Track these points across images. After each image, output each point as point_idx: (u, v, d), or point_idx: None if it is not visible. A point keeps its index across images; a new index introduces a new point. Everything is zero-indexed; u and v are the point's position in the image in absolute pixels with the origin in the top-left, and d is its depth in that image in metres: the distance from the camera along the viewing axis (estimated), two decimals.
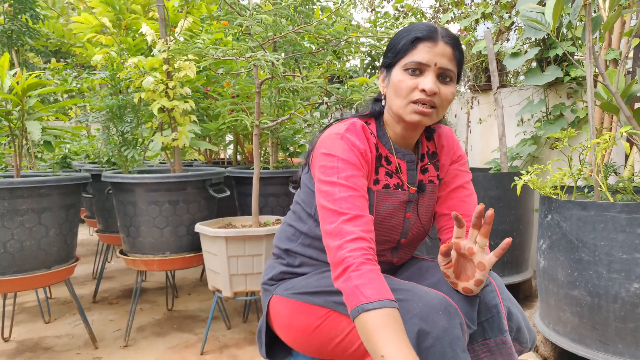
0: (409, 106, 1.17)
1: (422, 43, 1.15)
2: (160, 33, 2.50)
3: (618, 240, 1.69)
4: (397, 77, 1.18)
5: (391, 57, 1.20)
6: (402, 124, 1.23)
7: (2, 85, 2.21)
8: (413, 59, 1.15)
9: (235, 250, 2.16)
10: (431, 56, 1.15)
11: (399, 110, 1.19)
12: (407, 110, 1.17)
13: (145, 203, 2.38)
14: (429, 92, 1.14)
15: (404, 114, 1.18)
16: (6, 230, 2.08)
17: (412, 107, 1.16)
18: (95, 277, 3.70)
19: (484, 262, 1.09)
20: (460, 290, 1.16)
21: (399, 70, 1.18)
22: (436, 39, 1.15)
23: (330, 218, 1.10)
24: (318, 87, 2.28)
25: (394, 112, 1.21)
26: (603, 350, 1.76)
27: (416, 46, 1.15)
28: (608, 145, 1.82)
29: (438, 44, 1.15)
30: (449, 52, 1.17)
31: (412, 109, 1.16)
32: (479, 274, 1.10)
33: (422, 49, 1.15)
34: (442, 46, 1.16)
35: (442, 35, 1.17)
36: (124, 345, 2.41)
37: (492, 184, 2.64)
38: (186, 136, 2.54)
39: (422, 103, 1.15)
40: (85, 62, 4.15)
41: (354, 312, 0.98)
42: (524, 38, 3.39)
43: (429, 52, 1.14)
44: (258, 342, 1.38)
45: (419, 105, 1.15)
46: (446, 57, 1.16)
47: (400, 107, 1.18)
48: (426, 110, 1.16)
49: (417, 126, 1.22)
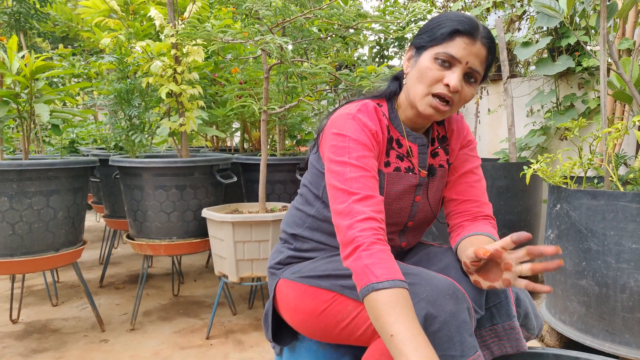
0: (427, 98, 1.15)
1: (460, 37, 1.12)
2: (168, 17, 2.49)
3: (628, 229, 1.67)
4: (425, 63, 1.15)
5: (426, 40, 1.17)
6: (414, 110, 1.22)
7: (10, 67, 2.21)
8: (447, 50, 1.13)
9: (241, 236, 2.16)
10: (465, 53, 1.12)
11: (416, 98, 1.17)
12: (424, 101, 1.16)
13: (153, 188, 2.38)
14: (453, 89, 1.12)
15: (419, 104, 1.17)
16: (15, 212, 2.09)
17: (429, 100, 1.15)
18: (102, 262, 3.72)
19: (511, 282, 1.07)
20: (473, 282, 1.14)
21: (429, 56, 1.15)
22: (476, 36, 1.13)
23: (341, 198, 1.09)
24: (327, 73, 2.26)
25: (410, 98, 1.20)
26: (610, 340, 1.75)
27: (454, 38, 1.13)
28: (620, 135, 1.80)
29: (476, 42, 1.13)
30: (483, 53, 1.15)
31: (429, 102, 1.15)
32: (499, 285, 1.09)
33: (459, 43, 1.12)
34: (479, 46, 1.14)
35: (482, 35, 1.14)
36: (130, 329, 2.43)
37: (500, 174, 2.62)
38: (194, 122, 2.53)
39: (441, 98, 1.14)
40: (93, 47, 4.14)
41: (364, 291, 0.97)
42: (536, 27, 3.36)
43: (465, 49, 1.12)
44: (264, 325, 1.37)
45: (436, 100, 1.14)
46: (479, 58, 1.14)
47: (418, 95, 1.17)
48: (441, 107, 1.15)
49: (428, 119, 1.21)
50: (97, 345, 2.25)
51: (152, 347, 2.23)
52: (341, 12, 2.19)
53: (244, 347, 2.23)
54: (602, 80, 1.88)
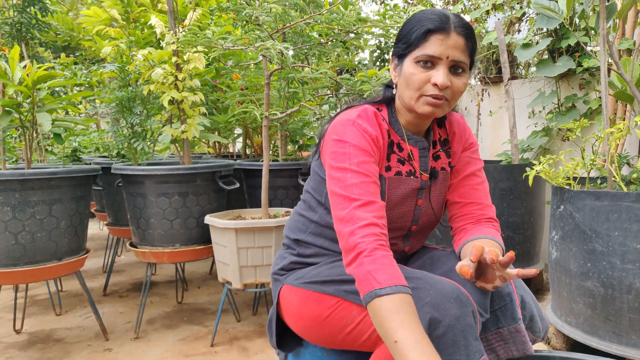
0: (421, 99, 1.16)
1: (434, 35, 1.12)
2: (169, 25, 2.49)
3: (632, 230, 1.66)
4: (408, 69, 1.16)
5: (403, 47, 1.18)
6: (413, 113, 1.22)
7: (12, 76, 2.22)
8: (424, 52, 1.13)
9: (245, 242, 2.16)
10: (443, 49, 1.12)
11: (410, 102, 1.18)
12: (419, 102, 1.16)
13: (155, 195, 2.38)
14: (441, 86, 1.12)
15: (415, 107, 1.17)
16: (17, 222, 2.09)
17: (424, 99, 1.15)
18: (106, 270, 3.72)
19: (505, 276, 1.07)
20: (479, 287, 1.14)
21: (410, 62, 1.16)
22: (448, 29, 1.12)
23: (342, 204, 1.09)
24: (327, 78, 2.26)
25: (406, 104, 1.20)
26: (616, 341, 1.73)
27: (428, 38, 1.12)
28: (622, 135, 1.79)
29: (450, 35, 1.12)
30: (461, 43, 1.14)
31: (424, 101, 1.15)
32: (498, 282, 1.09)
33: (434, 41, 1.12)
34: (455, 37, 1.13)
35: (455, 25, 1.13)
36: (134, 337, 2.42)
37: (502, 176, 2.61)
38: (195, 128, 2.53)
39: (434, 97, 1.14)
40: (95, 56, 4.16)
41: (367, 298, 0.97)
42: (536, 29, 3.36)
43: (441, 45, 1.12)
44: (268, 332, 1.37)
45: (430, 98, 1.14)
46: (458, 49, 1.13)
47: (412, 99, 1.17)
48: (438, 102, 1.14)
49: (429, 117, 1.21)
50: (100, 355, 2.24)
51: (157, 355, 2.23)
52: (341, 17, 2.20)
53: (248, 354, 2.22)
54: (602, 80, 1.88)
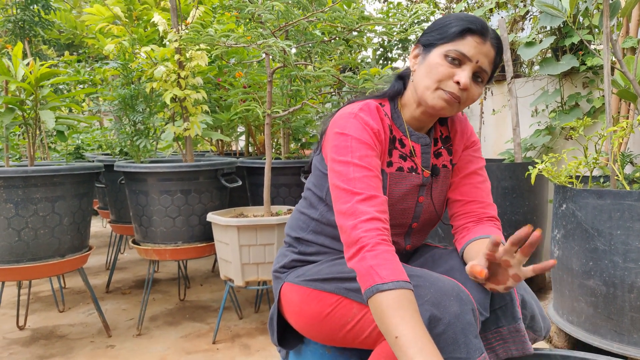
0: (438, 91, 1.15)
1: (472, 36, 1.13)
2: (172, 23, 2.50)
3: (635, 229, 1.66)
4: (435, 59, 1.15)
5: (435, 37, 1.17)
6: (421, 107, 1.21)
7: (15, 74, 2.23)
8: (458, 48, 1.13)
9: (247, 240, 2.16)
10: (476, 52, 1.13)
11: (425, 92, 1.17)
12: (435, 94, 1.15)
13: (158, 192, 2.39)
14: (463, 86, 1.12)
15: (429, 98, 1.16)
16: (21, 219, 2.10)
17: (440, 93, 1.15)
18: (109, 267, 3.73)
19: (519, 275, 1.05)
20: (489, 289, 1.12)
21: (438, 53, 1.15)
22: (486, 36, 1.14)
23: (344, 198, 1.09)
24: (330, 76, 2.26)
25: (419, 93, 1.19)
26: (618, 340, 1.73)
27: (465, 37, 1.13)
28: (625, 133, 1.78)
29: (486, 42, 1.14)
30: (492, 54, 1.16)
31: (440, 95, 1.15)
32: (511, 283, 1.07)
33: (471, 42, 1.13)
34: (489, 46, 1.15)
35: (491, 36, 1.16)
36: (137, 334, 2.43)
37: (505, 175, 2.61)
38: (198, 126, 2.54)
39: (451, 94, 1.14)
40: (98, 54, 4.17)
41: (368, 293, 0.97)
42: (539, 27, 3.34)
43: (476, 48, 1.13)
44: (270, 329, 1.37)
45: (447, 94, 1.14)
46: (488, 58, 1.15)
47: (428, 89, 1.16)
48: (453, 100, 1.14)
49: (437, 112, 1.20)
50: (103, 351, 2.25)
51: (159, 352, 2.24)
52: (344, 15, 2.20)
53: (250, 352, 2.22)
54: (606, 79, 1.87)
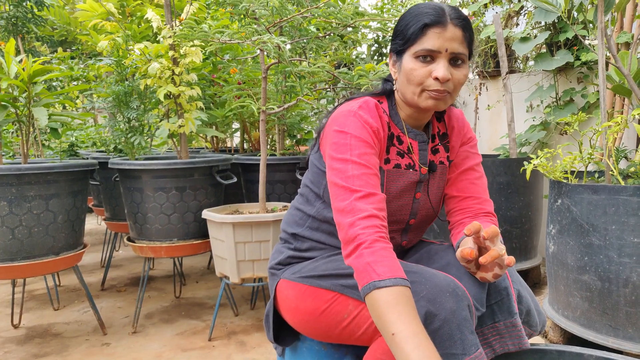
0: (424, 93, 1.15)
1: (431, 29, 1.12)
2: (165, 19, 2.48)
3: (629, 224, 1.66)
4: (408, 65, 1.15)
5: (400, 43, 1.18)
6: (415, 108, 1.21)
7: (8, 71, 2.21)
8: (423, 46, 1.12)
9: (242, 237, 2.16)
10: (441, 42, 1.12)
11: (413, 98, 1.17)
12: (422, 97, 1.16)
13: (152, 190, 2.37)
14: (442, 79, 1.12)
15: (418, 102, 1.17)
16: (14, 217, 2.09)
17: (426, 94, 1.15)
18: (104, 265, 3.72)
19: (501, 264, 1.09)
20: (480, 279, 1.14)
21: (409, 57, 1.15)
22: (445, 22, 1.12)
23: (343, 195, 1.09)
24: (325, 72, 2.25)
25: (408, 99, 1.19)
26: (613, 334, 1.74)
27: (425, 32, 1.12)
28: (620, 128, 1.79)
29: (447, 27, 1.12)
30: (459, 35, 1.13)
31: (427, 96, 1.15)
32: (498, 270, 1.10)
33: (432, 35, 1.12)
34: (452, 29, 1.12)
35: (451, 17, 1.13)
36: (132, 332, 2.43)
37: (500, 170, 2.61)
38: (192, 123, 2.53)
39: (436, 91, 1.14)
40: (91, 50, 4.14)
41: (365, 289, 0.97)
42: (534, 22, 3.34)
43: (439, 38, 1.12)
44: (266, 326, 1.37)
45: (433, 92, 1.14)
46: (456, 41, 1.13)
47: (415, 94, 1.16)
48: (440, 95, 1.14)
49: (431, 111, 1.21)
50: (98, 349, 2.24)
51: (154, 349, 2.23)
52: (338, 10, 2.19)
53: (246, 348, 2.22)
54: (600, 74, 1.87)
